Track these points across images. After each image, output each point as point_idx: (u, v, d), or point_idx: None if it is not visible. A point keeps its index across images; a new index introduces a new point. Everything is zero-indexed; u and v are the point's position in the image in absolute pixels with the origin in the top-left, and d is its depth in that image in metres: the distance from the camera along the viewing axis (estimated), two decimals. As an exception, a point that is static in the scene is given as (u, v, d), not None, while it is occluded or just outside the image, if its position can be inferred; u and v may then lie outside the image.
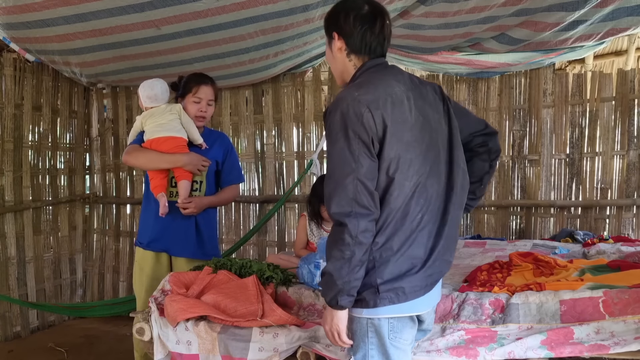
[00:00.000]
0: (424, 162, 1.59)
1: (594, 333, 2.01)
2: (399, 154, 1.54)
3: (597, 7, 3.10)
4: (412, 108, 1.59)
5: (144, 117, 2.76)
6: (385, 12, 1.67)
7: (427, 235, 1.61)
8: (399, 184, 1.54)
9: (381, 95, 1.54)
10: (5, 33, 3.71)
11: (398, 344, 1.62)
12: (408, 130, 1.56)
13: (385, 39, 1.66)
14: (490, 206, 4.28)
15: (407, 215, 1.56)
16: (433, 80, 4.41)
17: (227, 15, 3.16)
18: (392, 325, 1.61)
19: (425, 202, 1.59)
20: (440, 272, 1.68)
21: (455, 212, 1.67)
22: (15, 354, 3.87)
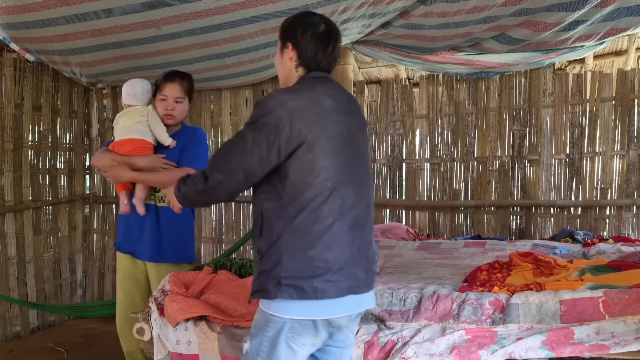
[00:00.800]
0: (341, 172, 1.67)
1: (594, 333, 2.01)
2: (314, 160, 1.63)
3: (597, 7, 3.10)
4: (337, 121, 1.69)
5: (119, 116, 2.71)
6: (338, 34, 1.81)
7: (337, 242, 1.64)
8: (312, 187, 1.63)
9: (307, 104, 1.66)
10: (5, 33, 3.71)
11: (293, 343, 1.65)
12: (328, 140, 1.65)
13: (334, 59, 1.80)
14: (490, 206, 4.28)
15: (318, 218, 1.62)
16: (433, 80, 4.42)
17: (227, 15, 3.16)
18: (292, 325, 1.64)
19: (340, 210, 1.65)
20: (348, 284, 1.65)
21: (369, 228, 1.75)
22: (15, 354, 3.87)
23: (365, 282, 1.71)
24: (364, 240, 1.72)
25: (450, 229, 4.38)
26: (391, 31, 3.62)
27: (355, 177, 1.72)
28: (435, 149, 4.43)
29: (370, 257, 1.75)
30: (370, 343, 2.15)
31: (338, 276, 1.63)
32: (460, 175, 4.37)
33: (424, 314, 2.27)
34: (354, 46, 4.17)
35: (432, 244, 3.87)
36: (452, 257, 3.45)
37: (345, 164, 1.69)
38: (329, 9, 3.17)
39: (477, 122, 4.30)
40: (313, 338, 1.68)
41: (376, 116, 4.56)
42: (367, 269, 1.72)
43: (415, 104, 4.48)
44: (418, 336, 2.13)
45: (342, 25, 3.52)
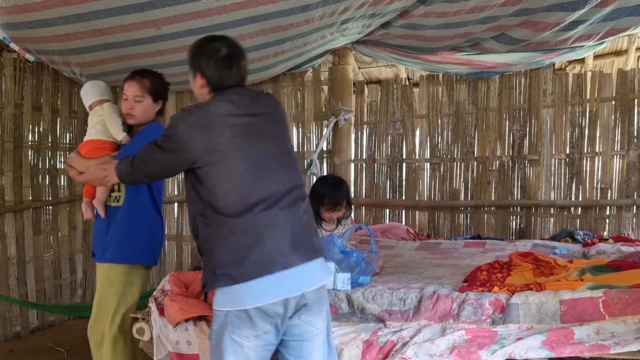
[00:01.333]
0: (250, 166, 1.81)
1: (594, 333, 2.01)
2: (218, 161, 1.80)
3: (597, 7, 3.10)
4: (237, 123, 1.84)
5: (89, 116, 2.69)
6: (241, 53, 1.96)
7: (258, 228, 1.76)
8: (221, 187, 1.79)
9: (204, 115, 1.85)
10: (5, 33, 3.71)
11: (236, 336, 1.76)
12: (228, 141, 1.81)
13: (241, 77, 1.95)
14: (490, 206, 4.28)
15: (237, 212, 1.76)
16: (433, 80, 4.42)
17: (227, 15, 3.16)
18: (231, 319, 1.75)
19: (254, 200, 1.78)
20: (275, 262, 1.74)
21: (294, 208, 1.83)
22: (15, 354, 3.87)
23: (296, 255, 1.77)
24: (288, 220, 1.80)
25: (450, 229, 4.38)
26: (391, 31, 3.63)
27: (267, 166, 1.84)
28: (435, 149, 4.43)
29: (301, 234, 1.81)
30: (369, 343, 2.15)
31: (262, 257, 1.73)
32: (460, 175, 4.37)
33: (424, 314, 2.27)
34: (354, 46, 4.17)
35: (432, 244, 3.87)
36: (452, 257, 3.45)
37: (253, 156, 1.82)
38: (329, 9, 3.17)
39: (477, 122, 4.30)
40: (252, 330, 1.76)
41: (376, 116, 4.56)
42: (294, 244, 1.78)
43: (415, 104, 4.48)
44: (418, 336, 2.13)
45: (342, 25, 3.52)
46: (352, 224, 3.21)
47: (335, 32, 3.65)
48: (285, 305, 1.76)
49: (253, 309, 1.73)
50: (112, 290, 2.53)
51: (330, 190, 3.03)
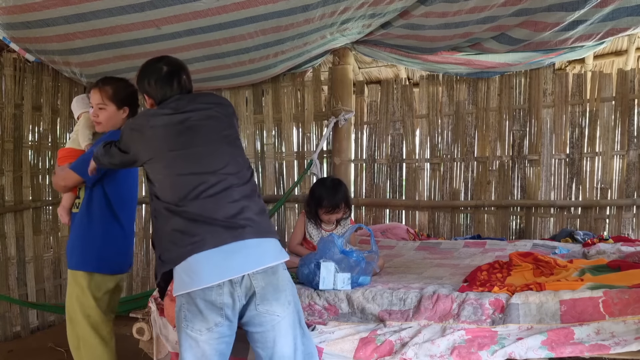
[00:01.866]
0: (177, 157, 1.95)
1: (594, 333, 2.01)
2: (154, 158, 1.97)
3: (597, 7, 3.10)
4: (169, 122, 1.99)
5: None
6: (182, 68, 2.13)
7: (193, 213, 1.88)
8: (156, 179, 1.97)
9: (144, 119, 2.05)
10: (5, 33, 3.71)
11: (190, 331, 1.85)
12: (168, 139, 1.97)
13: (184, 87, 2.11)
14: (490, 206, 4.28)
15: (174, 201, 1.90)
16: (433, 80, 4.42)
17: (227, 15, 3.16)
18: (185, 313, 1.85)
19: (182, 189, 1.91)
20: (210, 240, 1.85)
21: (229, 191, 1.93)
22: (15, 354, 3.87)
23: (230, 234, 1.86)
24: (221, 205, 1.89)
25: (450, 229, 4.38)
26: (391, 31, 3.63)
27: (199, 157, 1.96)
28: (435, 149, 4.43)
29: (236, 216, 1.89)
30: (365, 340, 2.15)
31: (195, 239, 1.84)
32: (460, 175, 4.37)
33: (423, 314, 2.27)
34: (354, 46, 4.17)
35: (432, 244, 3.87)
36: (452, 257, 3.45)
37: (185, 150, 1.96)
38: (329, 9, 3.17)
39: (477, 122, 4.30)
40: (204, 323, 1.83)
41: (376, 116, 4.56)
42: (227, 225, 1.87)
43: (415, 104, 4.48)
44: (418, 337, 2.13)
45: (342, 26, 3.52)
46: (352, 224, 3.21)
47: (335, 32, 3.65)
48: (231, 294, 1.83)
49: (201, 301, 1.81)
50: (74, 296, 2.57)
51: (329, 193, 3.04)
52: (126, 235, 2.69)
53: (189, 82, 2.14)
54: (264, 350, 1.91)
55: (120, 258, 2.66)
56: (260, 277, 1.86)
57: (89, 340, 2.55)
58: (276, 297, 1.88)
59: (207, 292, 1.81)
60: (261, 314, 1.87)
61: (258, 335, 1.90)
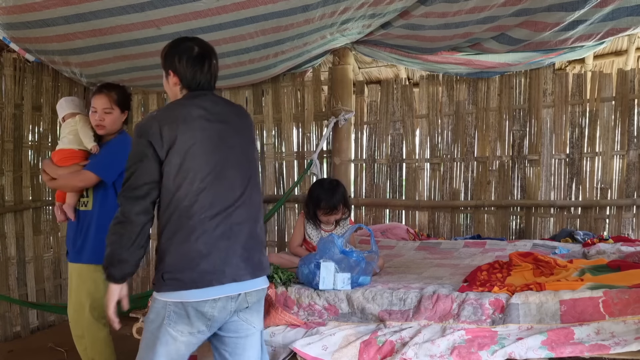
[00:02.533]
0: (212, 173, 1.85)
1: (594, 333, 2.01)
2: (183, 162, 1.82)
3: (597, 7, 3.10)
4: (206, 128, 1.89)
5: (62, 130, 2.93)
6: (213, 53, 2.02)
7: (209, 236, 1.81)
8: (184, 188, 1.82)
9: (173, 115, 1.88)
10: (5, 33, 3.71)
11: (172, 329, 1.83)
12: (197, 144, 1.85)
13: (212, 75, 2.00)
14: (490, 206, 4.28)
15: (190, 217, 1.81)
16: (433, 80, 4.42)
17: (227, 15, 3.16)
18: (169, 313, 1.82)
19: (210, 207, 1.83)
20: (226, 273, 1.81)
21: (249, 222, 1.90)
22: (15, 354, 3.87)
23: (246, 270, 1.85)
24: (241, 233, 1.87)
25: (450, 229, 4.38)
26: (391, 31, 3.63)
27: (228, 177, 1.88)
28: (435, 149, 4.43)
29: (252, 248, 1.89)
30: (367, 342, 2.15)
31: (215, 267, 1.80)
32: (460, 175, 4.37)
33: (423, 314, 2.27)
34: (354, 46, 4.17)
35: (432, 244, 3.87)
36: (452, 257, 3.45)
37: (216, 165, 1.87)
38: (329, 9, 3.17)
39: (477, 122, 4.30)
40: (188, 327, 1.82)
41: (376, 116, 4.56)
42: (246, 258, 1.86)
43: (415, 104, 4.48)
44: (418, 337, 2.13)
45: (342, 26, 3.52)
46: (351, 224, 3.21)
47: (335, 32, 3.65)
48: (224, 308, 1.83)
49: (192, 310, 1.80)
50: (84, 290, 2.72)
51: (327, 194, 3.04)
52: None
53: (217, 69, 2.04)
54: (231, 355, 1.95)
55: None
56: (254, 294, 1.92)
57: (93, 328, 2.73)
58: (258, 309, 1.97)
59: (201, 304, 1.80)
60: (240, 320, 1.91)
61: (229, 340, 1.94)
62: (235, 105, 2.11)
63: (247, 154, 1.99)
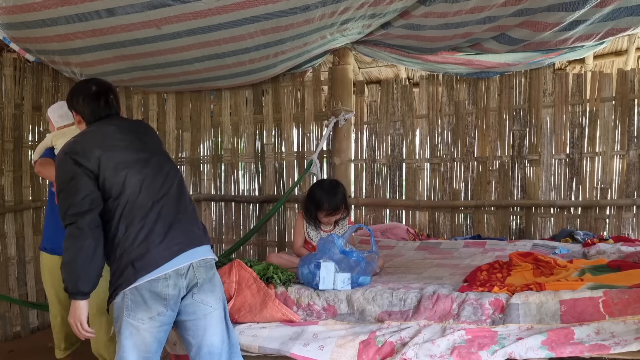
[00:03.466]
0: (139, 174, 2.03)
1: (594, 333, 2.01)
2: (111, 171, 1.99)
3: (597, 7, 3.10)
4: (123, 139, 2.10)
5: (54, 135, 3.01)
6: (109, 88, 2.27)
7: (140, 227, 1.96)
8: (119, 192, 1.98)
9: (92, 136, 2.09)
10: (5, 33, 3.71)
11: (132, 320, 1.93)
12: (119, 152, 2.05)
13: (111, 106, 2.23)
14: (490, 206, 4.28)
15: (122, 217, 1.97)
16: (433, 80, 4.41)
17: (227, 15, 3.15)
18: (127, 303, 1.93)
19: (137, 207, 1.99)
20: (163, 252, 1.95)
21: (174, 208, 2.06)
22: (15, 354, 3.87)
23: (184, 243, 1.99)
24: (169, 217, 2.02)
25: (450, 229, 4.38)
26: (391, 31, 3.62)
27: (151, 175, 2.05)
28: (435, 149, 4.43)
29: (184, 224, 2.04)
30: (366, 342, 2.15)
31: (145, 249, 1.93)
32: (460, 175, 4.37)
33: (423, 314, 2.27)
34: (354, 46, 4.17)
35: (432, 244, 3.87)
36: (452, 257, 3.45)
37: (143, 166, 2.05)
38: (329, 9, 3.17)
39: (477, 122, 4.30)
40: (147, 312, 1.92)
41: (376, 116, 4.56)
42: (182, 233, 2.01)
43: (415, 104, 4.48)
44: (418, 337, 2.13)
45: (342, 26, 3.52)
46: (351, 224, 3.21)
47: (335, 33, 3.65)
48: (175, 285, 1.94)
49: (146, 292, 1.90)
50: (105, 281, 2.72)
51: (328, 195, 3.04)
52: None
53: (116, 103, 2.27)
54: (194, 338, 2.03)
55: None
56: (203, 270, 2.02)
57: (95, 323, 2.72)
58: (212, 289, 2.05)
59: (154, 284, 1.91)
60: (196, 302, 2.01)
61: (190, 324, 2.02)
62: (135, 121, 2.38)
63: (161, 150, 2.23)
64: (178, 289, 1.95)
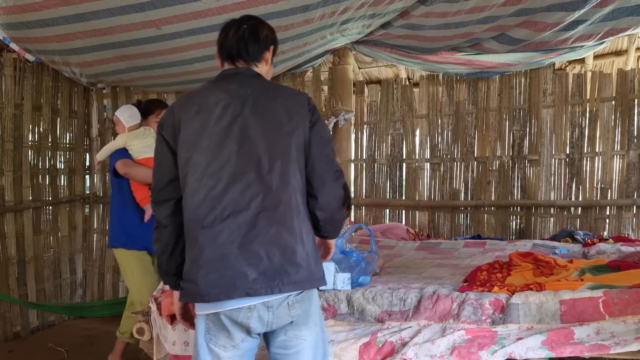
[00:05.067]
0: (225, 168, 1.61)
1: (594, 333, 2.01)
2: (190, 158, 1.63)
3: (597, 7, 3.10)
4: (224, 116, 1.65)
5: (128, 137, 3.09)
6: (246, 18, 1.87)
7: (216, 242, 1.58)
8: (191, 185, 1.62)
9: (187, 103, 1.70)
10: (5, 33, 3.71)
11: (213, 345, 1.65)
12: (206, 137, 1.63)
13: (237, 41, 1.79)
14: (490, 206, 4.28)
15: (198, 218, 1.60)
16: (433, 80, 4.41)
17: (227, 15, 3.15)
18: (208, 326, 1.65)
19: (221, 208, 1.59)
20: (235, 285, 1.56)
21: (267, 227, 1.59)
22: (15, 354, 3.86)
23: (263, 284, 1.56)
24: (259, 238, 1.58)
25: (450, 229, 4.38)
26: (391, 31, 3.63)
27: (242, 175, 1.62)
28: (435, 149, 4.43)
29: (276, 257, 1.58)
30: (367, 344, 2.14)
31: (216, 278, 1.57)
32: (460, 175, 4.37)
33: (423, 314, 2.27)
34: (354, 46, 4.17)
35: (432, 244, 3.87)
36: (452, 257, 3.45)
37: (229, 159, 1.62)
38: (329, 9, 3.17)
39: (477, 122, 4.30)
40: (229, 340, 1.63)
41: (376, 116, 4.56)
42: (265, 270, 1.57)
43: (415, 104, 4.48)
44: (418, 337, 2.13)
45: (342, 26, 3.52)
46: (351, 224, 3.21)
47: (335, 33, 3.65)
48: (261, 319, 1.61)
49: (228, 320, 1.60)
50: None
51: None
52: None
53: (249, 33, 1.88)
54: None
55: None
56: (298, 305, 1.64)
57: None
58: (306, 322, 1.69)
59: (234, 313, 1.59)
60: (289, 339, 1.68)
61: (280, 357, 1.72)
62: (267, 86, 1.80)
63: (274, 145, 1.65)
64: (262, 324, 1.62)
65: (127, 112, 3.14)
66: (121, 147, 3.10)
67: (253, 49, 1.79)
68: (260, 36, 1.82)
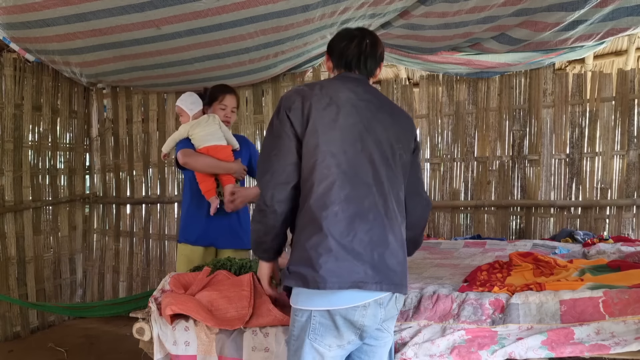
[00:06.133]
0: (350, 162, 1.67)
1: (594, 333, 2.01)
2: (319, 145, 1.66)
3: (597, 7, 3.10)
4: (353, 114, 1.73)
5: (190, 126, 2.97)
6: (368, 34, 1.88)
7: (336, 234, 1.61)
8: (319, 172, 1.65)
9: (319, 93, 1.73)
10: (5, 33, 3.71)
11: (318, 345, 1.64)
12: (337, 130, 1.69)
13: (360, 53, 1.83)
14: (490, 206, 4.28)
15: (321, 207, 1.63)
16: (433, 80, 4.41)
17: (227, 15, 3.16)
18: (314, 325, 1.63)
19: (344, 201, 1.63)
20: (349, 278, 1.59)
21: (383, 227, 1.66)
22: (15, 354, 3.87)
23: (374, 280, 1.61)
24: (372, 236, 1.64)
25: (450, 229, 4.38)
26: (391, 31, 3.63)
27: (364, 170, 1.68)
28: (435, 149, 4.43)
29: (385, 257, 1.65)
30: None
31: (335, 267, 1.58)
32: (460, 175, 4.37)
33: (423, 314, 2.27)
34: (354, 46, 4.17)
35: (432, 244, 3.87)
36: (452, 257, 3.44)
37: (355, 155, 1.68)
38: (329, 9, 3.17)
39: (477, 122, 4.30)
40: (337, 339, 1.64)
41: (376, 116, 4.55)
42: (375, 266, 1.62)
43: (415, 104, 4.48)
44: (418, 336, 2.13)
45: (342, 26, 3.52)
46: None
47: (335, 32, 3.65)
48: (375, 316, 1.65)
49: (341, 319, 1.61)
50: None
51: None
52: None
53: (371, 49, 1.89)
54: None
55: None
56: (400, 299, 1.77)
57: None
58: (394, 316, 1.81)
59: (351, 311, 1.61)
60: (382, 329, 1.75)
61: (369, 348, 1.76)
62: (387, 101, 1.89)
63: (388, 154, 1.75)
64: (376, 321, 1.67)
65: (188, 99, 3.02)
66: (184, 137, 3.01)
67: (371, 65, 1.88)
68: (378, 53, 1.89)
